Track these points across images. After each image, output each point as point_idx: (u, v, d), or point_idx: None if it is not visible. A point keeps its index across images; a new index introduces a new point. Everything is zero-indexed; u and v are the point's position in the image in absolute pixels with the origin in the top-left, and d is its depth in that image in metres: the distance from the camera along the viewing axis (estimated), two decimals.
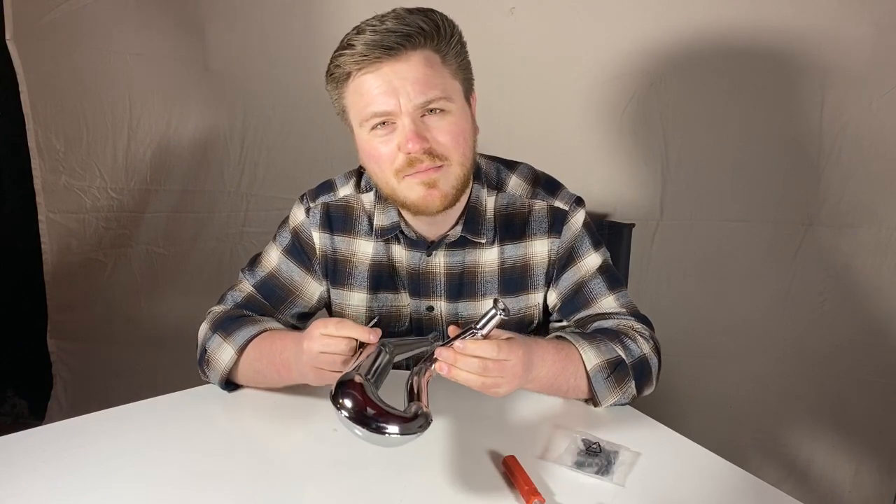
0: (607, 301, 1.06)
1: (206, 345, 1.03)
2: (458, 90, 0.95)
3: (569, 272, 1.07)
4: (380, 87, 0.90)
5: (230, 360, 0.98)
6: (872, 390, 1.66)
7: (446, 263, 1.06)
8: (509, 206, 1.06)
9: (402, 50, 0.89)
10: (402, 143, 0.91)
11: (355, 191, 1.08)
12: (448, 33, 0.92)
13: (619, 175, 1.66)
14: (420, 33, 0.89)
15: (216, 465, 0.83)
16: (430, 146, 0.91)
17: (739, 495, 0.82)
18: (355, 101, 0.93)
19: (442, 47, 0.92)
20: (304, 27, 1.70)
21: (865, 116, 1.53)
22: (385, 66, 0.89)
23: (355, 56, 0.89)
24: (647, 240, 1.68)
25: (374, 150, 0.94)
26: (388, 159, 0.93)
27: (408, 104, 0.90)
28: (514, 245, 1.06)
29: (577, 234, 1.06)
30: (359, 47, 0.88)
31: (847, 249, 1.61)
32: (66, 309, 1.93)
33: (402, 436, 0.73)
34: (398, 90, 0.89)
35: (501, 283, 1.07)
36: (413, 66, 0.89)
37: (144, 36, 1.73)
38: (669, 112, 1.61)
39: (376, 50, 0.88)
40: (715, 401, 1.75)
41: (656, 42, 1.57)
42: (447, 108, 0.92)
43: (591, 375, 0.95)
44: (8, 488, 0.77)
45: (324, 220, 1.07)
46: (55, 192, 1.82)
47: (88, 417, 0.92)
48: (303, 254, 1.08)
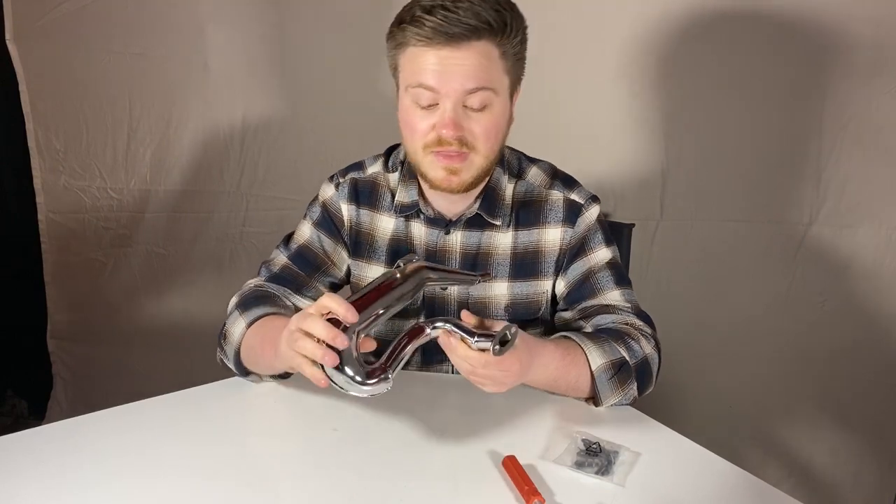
0: (613, 294, 1.07)
1: (227, 320, 1.06)
2: (505, 85, 0.97)
3: (578, 262, 1.08)
4: (434, 65, 0.92)
5: (241, 333, 1.00)
6: (873, 390, 1.66)
7: (462, 243, 1.09)
8: (527, 193, 1.10)
9: (464, 39, 0.91)
10: (439, 125, 0.95)
11: (383, 169, 1.12)
12: (513, 32, 0.94)
13: (619, 175, 1.66)
14: (487, 28, 0.91)
15: (216, 464, 0.83)
16: (463, 135, 0.95)
17: (739, 495, 0.82)
18: (408, 66, 0.96)
19: (504, 43, 0.94)
20: (304, 27, 1.70)
21: (866, 116, 1.53)
22: (445, 50, 0.91)
23: (420, 35, 0.91)
24: (647, 240, 1.68)
25: (410, 120, 0.98)
26: (421, 133, 0.97)
27: (454, 89, 0.92)
28: (528, 231, 1.09)
29: (590, 226, 1.09)
30: (426, 29, 0.90)
31: (847, 249, 1.61)
32: (66, 309, 1.93)
33: (351, 386, 0.78)
34: (450, 74, 0.92)
35: (513, 266, 1.09)
36: (470, 56, 0.91)
37: (144, 36, 1.73)
38: (669, 112, 1.61)
39: (441, 36, 0.90)
40: (715, 401, 1.75)
41: (656, 42, 1.57)
42: (489, 102, 0.95)
43: (595, 376, 0.96)
44: (8, 488, 0.77)
45: (352, 193, 1.11)
46: (55, 192, 1.82)
47: (88, 417, 0.92)
48: (332, 226, 1.12)
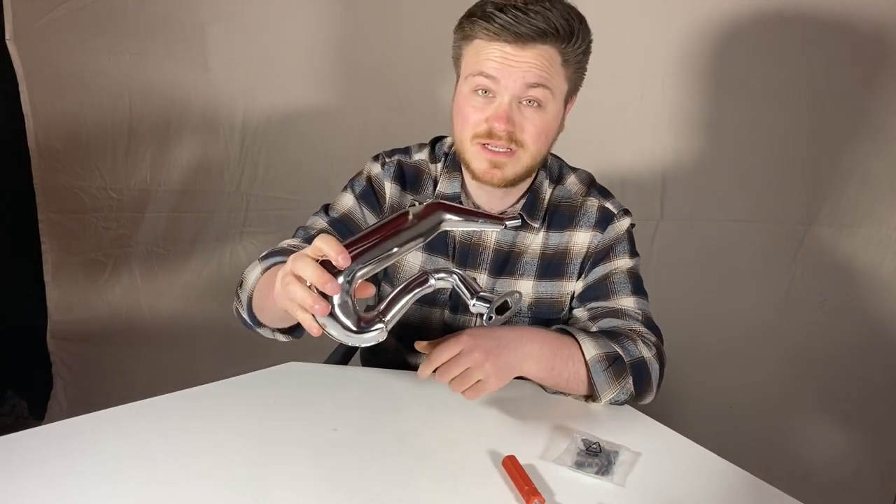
0: (627, 301, 1.08)
1: (245, 270, 1.05)
2: (563, 90, 1.00)
3: (600, 266, 1.10)
4: (498, 58, 0.94)
5: (256, 277, 1.01)
6: (873, 390, 1.66)
7: (497, 240, 1.10)
8: (563, 198, 1.11)
9: (530, 40, 0.93)
10: (492, 117, 0.96)
11: (428, 158, 1.13)
12: (578, 42, 0.96)
13: (619, 175, 1.66)
14: (554, 33, 0.93)
15: (216, 464, 0.83)
16: (514, 131, 0.96)
17: (739, 495, 0.82)
18: (472, 56, 0.97)
19: (567, 51, 0.96)
20: (305, 27, 1.70)
21: (866, 116, 1.53)
22: (510, 47, 0.93)
23: (489, 30, 0.93)
24: (647, 240, 1.68)
25: (465, 108, 0.99)
26: (472, 122, 0.98)
27: (513, 85, 0.94)
28: (560, 233, 1.10)
29: (619, 235, 1.10)
30: (495, 25, 0.93)
31: (847, 249, 1.61)
32: (66, 309, 1.93)
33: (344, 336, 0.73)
34: (511, 70, 0.94)
35: (540, 267, 1.10)
36: (534, 57, 0.94)
37: (144, 36, 1.73)
38: (670, 112, 1.61)
39: (509, 34, 0.92)
40: (715, 401, 1.75)
41: (656, 42, 1.57)
42: (545, 102, 0.97)
43: (590, 366, 0.97)
44: (8, 488, 0.77)
45: (397, 174, 1.12)
46: (55, 192, 1.82)
47: (88, 417, 0.92)
48: (375, 200, 1.12)
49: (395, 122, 1.69)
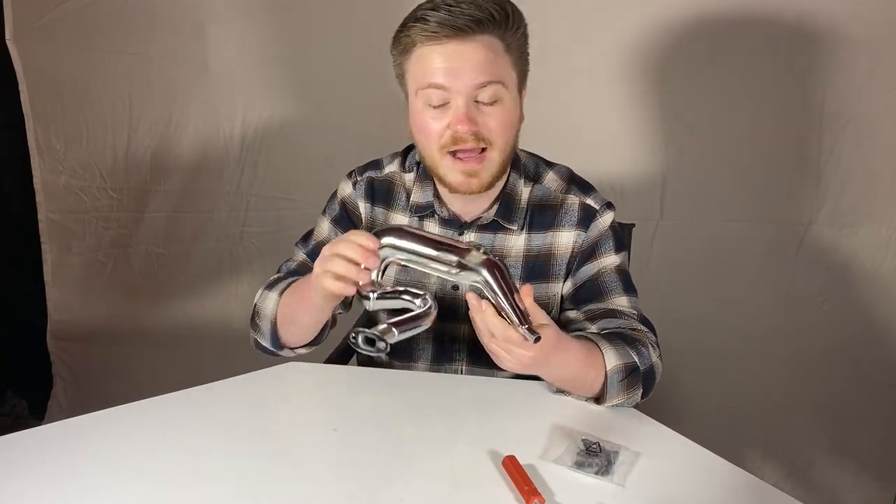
0: (620, 299, 1.07)
1: (256, 301, 1.10)
2: (513, 79, 0.99)
3: (588, 265, 1.09)
4: (442, 62, 0.94)
5: (274, 303, 1.06)
6: (873, 390, 1.66)
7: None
8: (543, 197, 1.10)
9: (469, 32, 0.92)
10: (453, 123, 0.95)
11: (399, 169, 1.13)
12: (516, 24, 0.96)
13: (619, 175, 1.66)
14: (490, 20, 0.93)
15: (217, 465, 0.83)
16: (479, 129, 0.96)
17: (739, 495, 0.82)
18: (416, 69, 0.97)
19: (507, 36, 0.96)
20: (305, 27, 1.70)
21: (865, 116, 1.53)
22: (451, 45, 0.93)
23: (426, 31, 0.93)
24: (647, 240, 1.68)
25: (424, 124, 0.99)
26: (435, 135, 0.98)
27: (465, 85, 0.94)
28: (542, 234, 1.09)
29: (603, 232, 1.09)
30: (431, 24, 0.92)
31: (847, 249, 1.61)
32: (66, 309, 1.93)
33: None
34: (458, 69, 0.93)
35: (525, 269, 1.09)
36: (477, 49, 0.93)
37: (144, 36, 1.73)
38: (670, 112, 1.61)
39: (446, 28, 0.92)
40: (715, 401, 1.75)
41: (656, 42, 1.57)
42: (500, 96, 0.96)
43: (608, 375, 0.96)
44: (8, 488, 0.77)
45: (368, 191, 1.13)
46: (55, 192, 1.83)
47: (88, 417, 0.92)
48: (350, 223, 1.13)
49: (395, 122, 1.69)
